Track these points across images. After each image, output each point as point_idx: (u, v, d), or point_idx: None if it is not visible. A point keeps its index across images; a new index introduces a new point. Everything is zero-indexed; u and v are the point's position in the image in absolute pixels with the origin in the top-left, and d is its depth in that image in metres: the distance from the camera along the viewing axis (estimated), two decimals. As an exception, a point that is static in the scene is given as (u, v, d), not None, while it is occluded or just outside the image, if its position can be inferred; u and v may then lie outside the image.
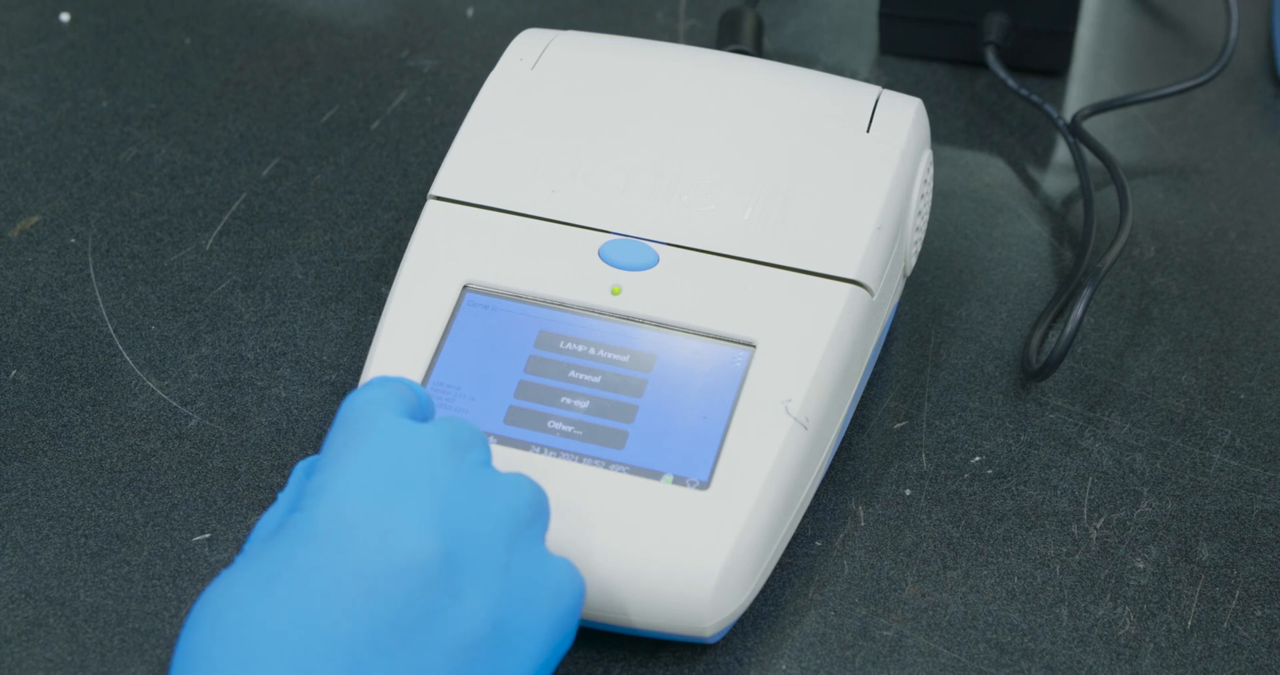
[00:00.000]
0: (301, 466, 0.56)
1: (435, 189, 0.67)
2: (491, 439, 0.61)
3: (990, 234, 0.77)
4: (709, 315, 0.63)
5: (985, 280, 0.75)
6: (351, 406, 0.54)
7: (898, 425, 0.69)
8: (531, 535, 0.54)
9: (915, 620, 0.62)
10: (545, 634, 0.52)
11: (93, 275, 0.74)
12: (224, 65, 0.85)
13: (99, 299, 0.73)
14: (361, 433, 0.53)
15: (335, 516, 0.51)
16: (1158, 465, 0.67)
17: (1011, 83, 0.81)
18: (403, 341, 0.63)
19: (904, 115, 0.68)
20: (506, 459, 0.60)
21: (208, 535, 0.64)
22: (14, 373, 0.70)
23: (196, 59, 0.86)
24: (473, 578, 0.51)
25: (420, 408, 0.56)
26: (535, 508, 0.54)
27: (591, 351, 0.63)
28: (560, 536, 0.59)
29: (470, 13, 0.89)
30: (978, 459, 0.67)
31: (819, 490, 0.65)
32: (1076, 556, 0.64)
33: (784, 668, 0.61)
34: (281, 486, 0.66)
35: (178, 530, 0.65)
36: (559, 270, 0.64)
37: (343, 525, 0.50)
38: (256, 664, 0.48)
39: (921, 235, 0.70)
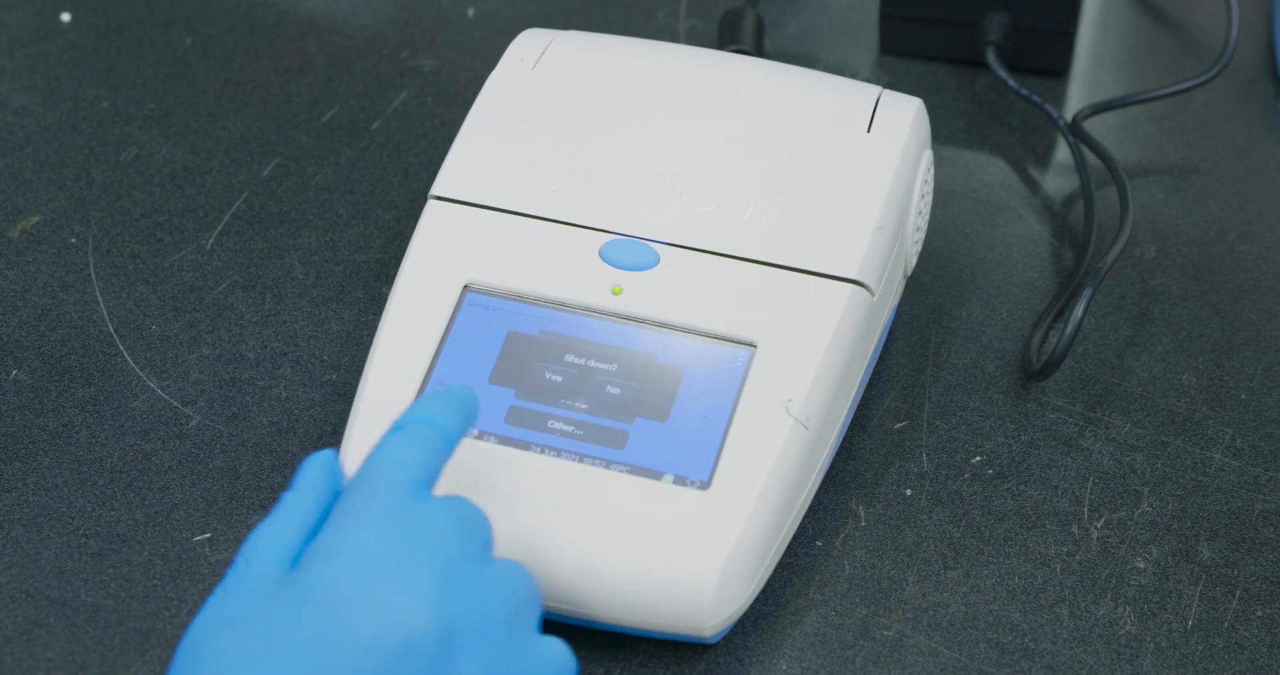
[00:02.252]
0: (312, 462, 0.55)
1: (436, 189, 0.67)
2: (492, 439, 0.61)
3: (990, 234, 0.77)
4: (709, 315, 0.63)
5: (986, 280, 0.75)
6: (374, 466, 0.53)
7: (898, 425, 0.69)
8: (526, 622, 0.53)
9: (916, 620, 0.62)
10: None
11: (93, 275, 0.74)
12: (224, 65, 0.85)
13: (99, 299, 0.73)
14: (377, 498, 0.52)
15: (341, 583, 0.50)
16: (1158, 465, 0.67)
17: (1012, 83, 0.81)
18: (403, 341, 0.63)
19: (904, 115, 0.68)
20: (507, 459, 0.60)
21: (208, 535, 0.64)
22: (14, 373, 0.70)
23: (197, 59, 0.86)
24: (471, 659, 0.51)
25: (459, 435, 0.56)
26: (530, 595, 0.54)
27: (592, 351, 0.63)
28: (560, 537, 0.59)
29: (470, 13, 0.89)
30: (978, 459, 0.67)
31: (819, 490, 0.65)
32: (1077, 556, 0.64)
33: (784, 668, 0.61)
34: (283, 486, 0.66)
35: (178, 530, 0.65)
36: (560, 270, 0.64)
37: (348, 593, 0.50)
38: None
39: (922, 235, 0.70)
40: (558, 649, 0.54)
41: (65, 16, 0.88)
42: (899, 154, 0.67)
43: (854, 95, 0.69)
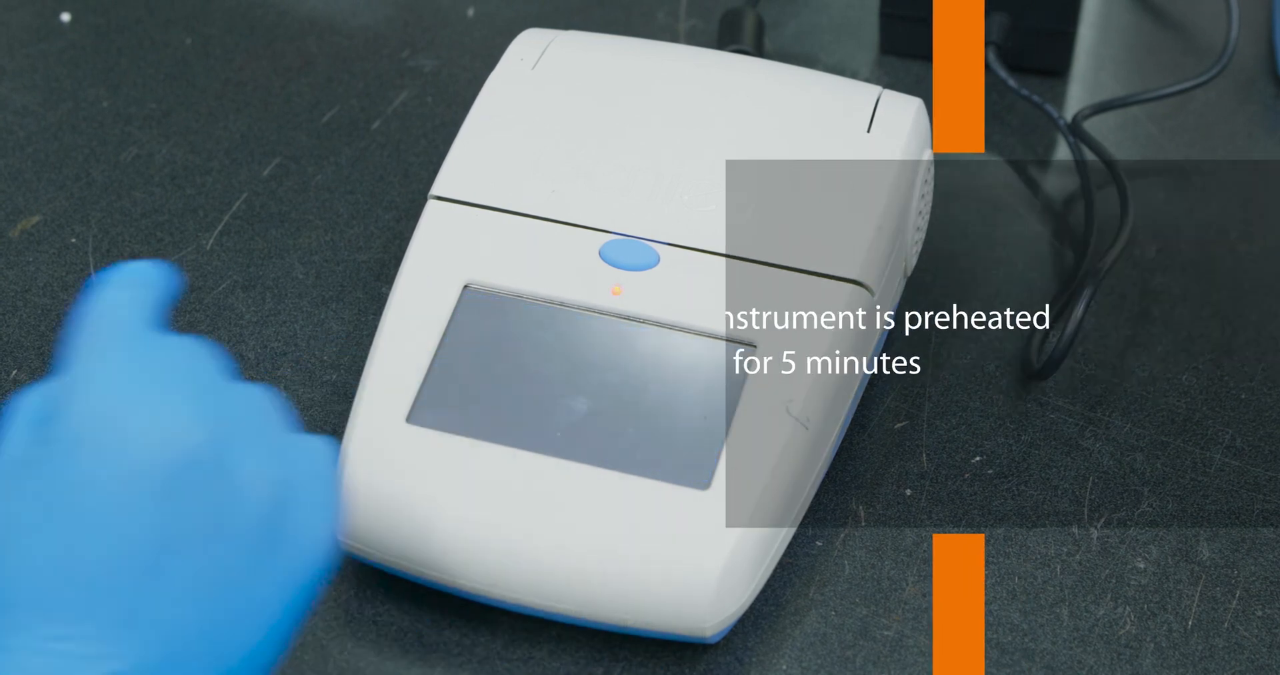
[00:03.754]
0: (28, 394, 0.52)
1: (436, 189, 0.67)
2: (492, 439, 0.61)
3: (991, 234, 0.77)
4: (709, 315, 0.63)
5: (986, 280, 0.75)
6: (91, 312, 0.51)
7: (898, 425, 0.69)
8: (283, 425, 0.52)
9: (916, 620, 0.62)
10: (327, 500, 0.51)
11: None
12: (224, 65, 0.85)
13: (99, 299, 0.73)
14: (106, 336, 0.50)
15: (98, 418, 0.48)
16: (1158, 465, 0.67)
17: (1012, 83, 0.81)
18: (403, 341, 0.63)
19: (904, 115, 0.68)
20: (507, 459, 0.60)
21: (208, 535, 0.64)
22: (14, 373, 0.70)
23: (197, 59, 0.86)
24: (244, 460, 0.49)
25: (168, 295, 0.54)
26: (280, 404, 0.53)
27: (592, 351, 0.63)
28: (560, 537, 0.59)
29: (470, 13, 0.89)
30: (978, 459, 0.67)
31: (819, 490, 0.65)
32: (1077, 556, 0.64)
33: (784, 668, 0.61)
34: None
35: (178, 530, 0.64)
36: (559, 270, 0.64)
37: (108, 426, 0.47)
38: (55, 596, 0.46)
39: (922, 235, 0.70)
40: (321, 442, 0.52)
41: (65, 16, 0.88)
42: (899, 154, 0.67)
43: (854, 95, 0.69)
